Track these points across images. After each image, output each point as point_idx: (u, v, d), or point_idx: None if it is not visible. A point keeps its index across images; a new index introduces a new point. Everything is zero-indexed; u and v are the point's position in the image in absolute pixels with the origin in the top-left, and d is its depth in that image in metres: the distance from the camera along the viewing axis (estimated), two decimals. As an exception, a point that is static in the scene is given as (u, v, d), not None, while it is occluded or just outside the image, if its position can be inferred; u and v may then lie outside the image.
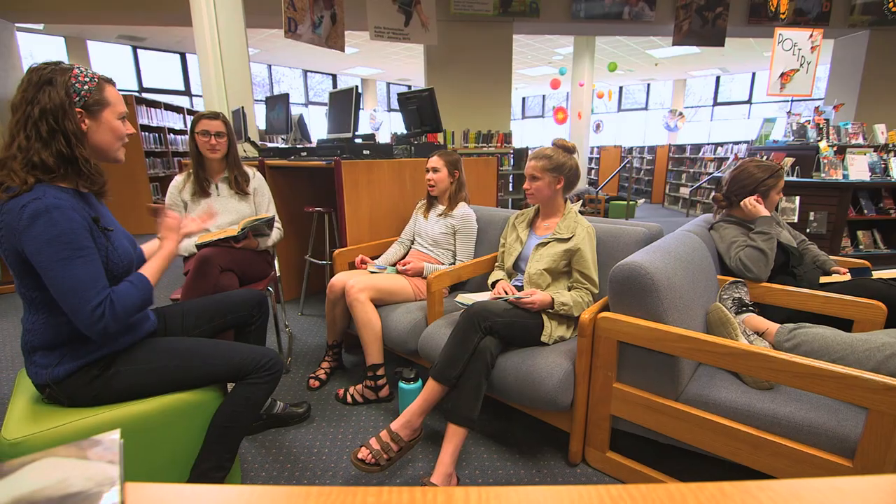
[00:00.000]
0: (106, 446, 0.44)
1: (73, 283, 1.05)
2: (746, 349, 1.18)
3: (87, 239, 1.08)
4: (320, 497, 0.38)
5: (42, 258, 1.03)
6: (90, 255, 1.08)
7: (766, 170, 1.85)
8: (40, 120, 1.05)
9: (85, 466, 0.41)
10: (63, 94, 1.07)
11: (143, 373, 1.23)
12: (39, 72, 1.07)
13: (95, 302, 1.07)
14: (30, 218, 1.01)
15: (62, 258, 1.03)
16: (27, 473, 0.40)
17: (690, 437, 1.31)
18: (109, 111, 1.16)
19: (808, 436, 1.17)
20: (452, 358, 1.48)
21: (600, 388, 1.46)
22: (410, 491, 0.37)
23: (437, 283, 1.87)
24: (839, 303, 1.58)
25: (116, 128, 1.18)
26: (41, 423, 1.14)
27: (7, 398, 2.06)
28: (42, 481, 0.39)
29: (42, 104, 1.05)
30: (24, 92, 1.06)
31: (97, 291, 1.07)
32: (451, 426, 1.45)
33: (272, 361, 1.35)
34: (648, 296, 1.31)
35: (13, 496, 0.37)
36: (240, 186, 2.18)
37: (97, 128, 1.15)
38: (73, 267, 1.04)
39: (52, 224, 1.02)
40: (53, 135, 1.06)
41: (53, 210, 1.02)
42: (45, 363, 1.15)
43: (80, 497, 0.37)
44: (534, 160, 1.77)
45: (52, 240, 1.02)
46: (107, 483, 0.39)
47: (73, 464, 0.41)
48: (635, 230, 1.84)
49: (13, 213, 1.02)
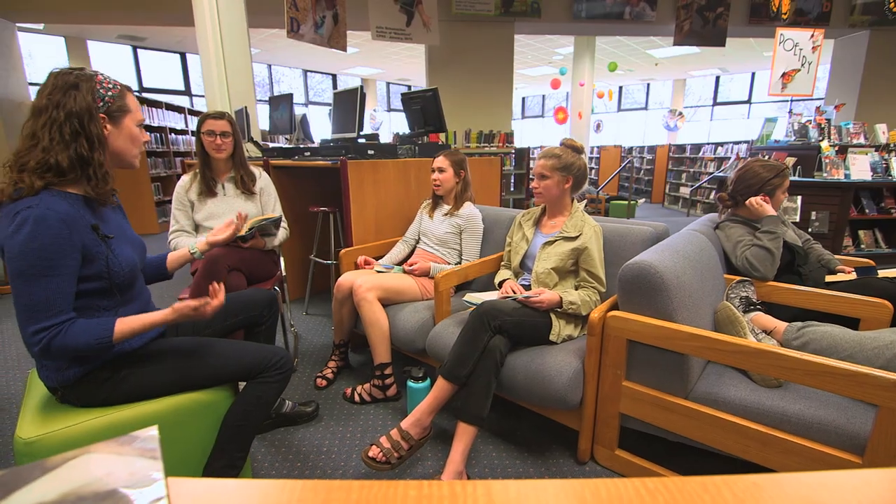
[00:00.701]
0: (145, 442, 0.44)
1: (27, 300, 1.02)
2: (757, 347, 1.18)
3: (66, 257, 1.04)
4: (362, 490, 0.38)
5: (12, 266, 1.01)
6: (60, 275, 1.03)
7: (771, 169, 1.86)
8: (65, 122, 1.05)
9: (127, 462, 0.41)
10: (90, 99, 1.08)
11: (155, 373, 1.23)
12: (65, 76, 1.08)
13: (40, 326, 1.02)
14: (17, 225, 1.00)
15: (29, 273, 1.01)
16: (70, 469, 0.40)
17: (700, 434, 1.31)
18: (130, 118, 1.17)
19: (817, 433, 1.18)
20: (462, 357, 1.49)
21: (609, 386, 1.47)
22: (437, 485, 0.38)
23: (444, 282, 1.88)
24: (846, 301, 1.59)
25: (135, 135, 1.19)
26: (55, 423, 1.14)
27: (17, 397, 2.07)
28: (86, 477, 0.39)
29: (68, 107, 1.05)
30: (49, 95, 1.06)
31: (49, 315, 1.03)
32: (461, 424, 1.45)
33: (283, 360, 1.35)
34: (658, 294, 1.32)
35: (61, 492, 0.38)
36: (246, 186, 2.18)
37: (118, 134, 1.15)
38: (35, 285, 1.01)
39: (33, 237, 1.00)
40: (76, 137, 1.06)
41: (40, 221, 1.00)
42: (54, 366, 1.15)
43: (125, 491, 0.37)
44: (543, 159, 1.78)
45: (25, 253, 1.00)
46: (150, 478, 0.39)
47: (114, 459, 0.42)
48: (642, 229, 1.85)
49: (8, 216, 1.02)
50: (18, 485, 0.38)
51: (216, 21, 4.19)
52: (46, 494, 0.37)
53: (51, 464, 0.41)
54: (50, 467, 0.40)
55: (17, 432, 1.12)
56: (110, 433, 1.18)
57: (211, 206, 2.13)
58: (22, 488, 0.38)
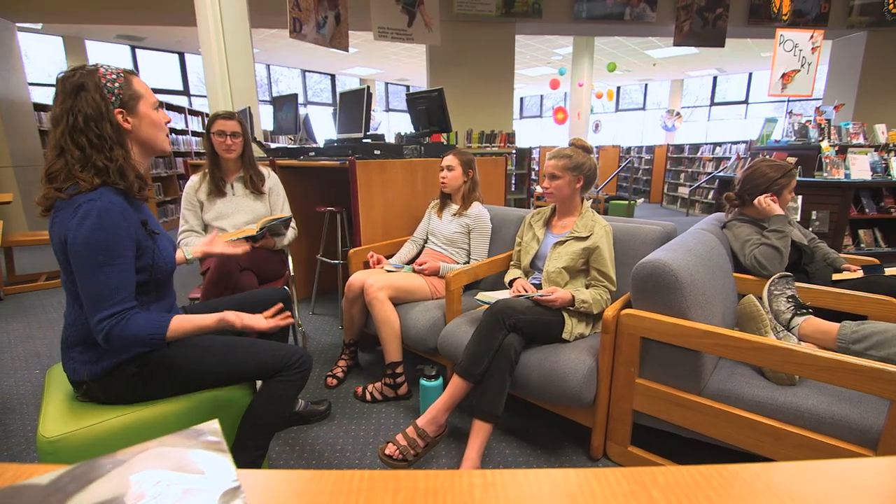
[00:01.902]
0: (210, 435, 0.45)
1: (94, 289, 1.06)
2: (770, 344, 1.20)
3: (127, 248, 1.09)
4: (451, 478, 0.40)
5: (78, 258, 1.04)
6: (123, 264, 1.08)
7: (778, 169, 1.89)
8: (86, 127, 1.06)
9: (197, 454, 0.42)
10: (98, 98, 1.08)
11: (178, 371, 1.24)
12: (69, 80, 1.08)
13: (107, 313, 1.07)
14: (81, 217, 1.03)
15: (95, 263, 1.04)
16: (138, 465, 0.41)
17: (714, 430, 1.33)
18: (144, 103, 1.17)
19: (831, 428, 1.20)
20: (477, 355, 1.50)
21: (623, 383, 1.48)
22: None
23: (455, 281, 1.89)
24: (854, 299, 1.62)
25: (155, 118, 1.19)
26: (79, 421, 1.15)
27: (27, 397, 2.07)
28: (162, 469, 0.40)
29: (84, 111, 1.06)
30: (62, 103, 1.07)
31: (112, 304, 1.07)
32: (476, 422, 1.47)
33: (302, 359, 1.36)
34: (672, 293, 1.34)
35: (139, 482, 0.39)
36: (255, 186, 2.19)
37: (139, 123, 1.16)
38: (100, 274, 1.05)
39: (99, 228, 1.04)
40: (101, 140, 1.08)
41: (104, 213, 1.04)
42: (83, 359, 1.17)
43: (201, 482, 0.39)
44: (554, 159, 1.80)
45: (92, 243, 1.03)
46: (223, 469, 0.41)
47: (183, 452, 0.43)
48: (651, 228, 1.87)
49: (69, 209, 1.04)
50: (95, 476, 0.39)
51: (219, 21, 4.19)
52: (125, 486, 0.38)
53: (123, 456, 0.42)
54: (123, 460, 0.42)
55: (41, 431, 1.12)
56: (133, 431, 1.19)
57: (220, 206, 2.14)
58: (100, 479, 0.39)
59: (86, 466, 0.41)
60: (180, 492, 0.38)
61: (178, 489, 0.38)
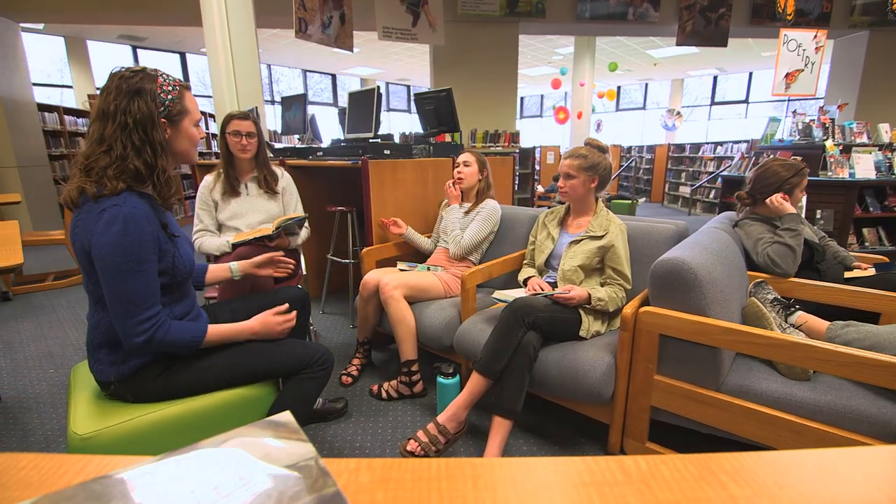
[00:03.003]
0: (287, 426, 0.47)
1: (127, 294, 1.07)
2: (792, 340, 1.22)
3: (152, 252, 1.10)
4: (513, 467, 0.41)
5: (105, 264, 1.05)
6: (149, 269, 1.10)
7: (790, 168, 1.90)
8: (135, 130, 1.07)
9: (279, 444, 0.44)
10: (152, 106, 1.09)
11: (203, 369, 1.25)
12: (128, 80, 1.08)
13: (144, 316, 1.09)
14: (106, 223, 1.03)
15: (124, 269, 1.05)
16: (226, 453, 0.43)
17: (734, 426, 1.35)
18: (189, 119, 1.18)
19: (850, 422, 1.22)
20: (497, 352, 1.52)
21: (641, 380, 1.50)
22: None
23: (471, 280, 1.91)
24: (867, 296, 1.64)
25: (193, 135, 1.21)
26: (109, 419, 1.16)
27: (42, 396, 2.08)
28: (248, 457, 0.42)
29: (135, 114, 1.07)
30: (115, 100, 1.07)
31: (147, 307, 1.10)
32: (496, 418, 1.49)
33: (325, 356, 1.38)
34: (692, 290, 1.36)
35: (235, 470, 0.40)
36: (269, 185, 2.20)
37: (177, 136, 1.17)
38: (132, 279, 1.07)
39: (125, 233, 1.04)
40: (143, 144, 1.09)
41: (129, 220, 1.05)
42: (110, 360, 1.18)
43: (292, 470, 0.40)
44: (569, 159, 1.81)
45: (118, 249, 1.04)
46: (309, 457, 0.42)
47: (264, 442, 0.44)
48: (665, 227, 1.89)
49: (92, 214, 1.05)
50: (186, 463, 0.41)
51: (224, 21, 4.20)
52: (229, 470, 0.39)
53: (207, 444, 0.44)
54: (208, 447, 0.43)
55: (72, 428, 1.14)
56: (162, 428, 1.20)
57: (235, 206, 2.15)
58: (195, 465, 0.41)
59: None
60: (269, 479, 0.39)
61: (266, 477, 0.39)
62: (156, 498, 0.37)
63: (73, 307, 3.29)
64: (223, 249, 2.06)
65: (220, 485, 0.38)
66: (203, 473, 0.40)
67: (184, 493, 0.37)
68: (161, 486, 0.38)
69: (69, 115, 6.90)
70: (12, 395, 2.11)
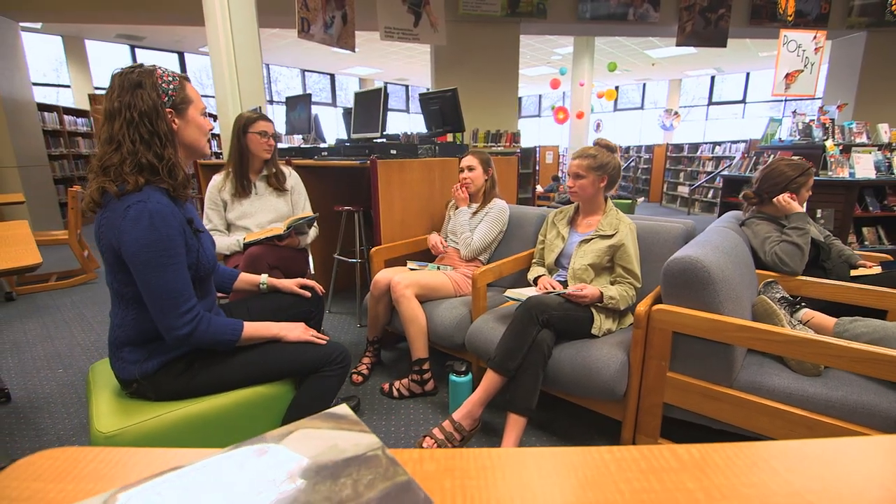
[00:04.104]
0: (347, 418, 0.48)
1: (164, 288, 1.09)
2: (806, 337, 1.24)
3: (181, 246, 1.11)
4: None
5: (138, 260, 1.06)
6: (181, 262, 1.12)
7: (797, 168, 1.93)
8: (140, 122, 1.08)
9: (344, 435, 0.45)
10: (154, 96, 1.10)
11: (225, 367, 1.27)
12: (127, 76, 1.10)
13: (185, 308, 1.12)
14: (133, 220, 1.04)
15: (157, 263, 1.07)
16: (294, 443, 0.44)
17: (746, 421, 1.37)
18: (193, 108, 1.19)
19: (861, 417, 1.24)
20: (511, 350, 1.53)
21: (654, 377, 1.52)
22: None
23: (482, 278, 1.92)
24: (875, 294, 1.66)
25: (201, 123, 1.22)
26: (132, 417, 1.17)
27: (52, 396, 2.08)
28: (316, 448, 0.43)
29: (139, 107, 1.08)
30: (119, 97, 1.08)
31: (185, 300, 1.12)
32: (511, 415, 1.50)
33: (343, 355, 1.39)
34: (705, 288, 1.38)
35: (312, 456, 0.41)
36: (279, 183, 2.21)
37: (185, 126, 1.18)
38: (166, 273, 1.08)
39: (153, 229, 1.05)
40: (151, 136, 1.10)
41: (156, 215, 1.06)
42: (133, 358, 1.19)
43: (361, 459, 0.41)
44: (578, 159, 1.83)
45: (150, 245, 1.05)
46: (375, 447, 0.43)
47: (329, 433, 0.45)
48: (673, 227, 1.91)
49: (117, 211, 1.05)
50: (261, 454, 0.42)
51: (227, 21, 4.19)
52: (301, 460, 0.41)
53: (271, 437, 0.45)
54: (273, 440, 0.44)
55: (96, 426, 1.15)
56: (185, 425, 1.21)
57: (245, 205, 2.16)
58: (264, 456, 0.42)
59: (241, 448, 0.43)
60: (342, 468, 0.40)
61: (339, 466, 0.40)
62: (241, 484, 0.38)
63: (78, 307, 3.28)
64: (234, 249, 2.07)
65: (295, 472, 0.39)
66: (276, 461, 0.41)
67: (264, 479, 0.39)
68: (238, 474, 0.39)
69: (69, 114, 6.88)
70: (22, 394, 2.11)
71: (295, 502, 0.36)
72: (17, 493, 0.42)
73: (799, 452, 0.45)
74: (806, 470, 0.42)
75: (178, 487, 0.38)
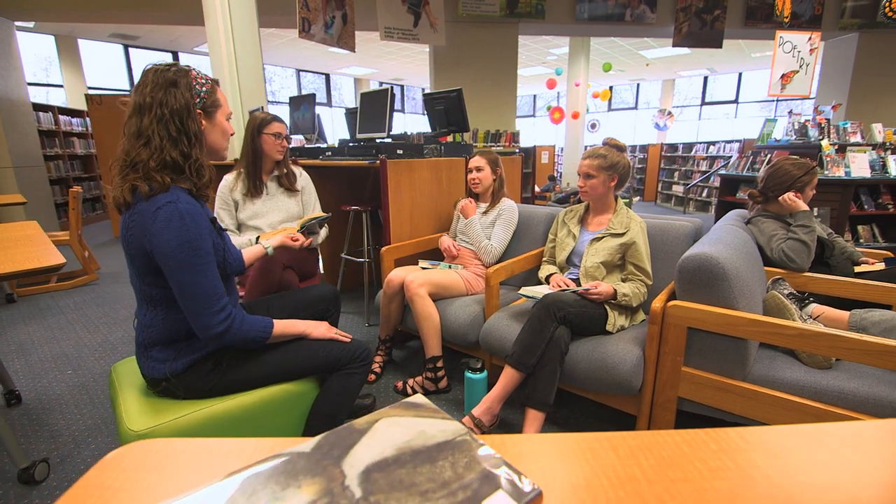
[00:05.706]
0: (425, 406, 0.50)
1: (200, 286, 1.10)
2: (817, 331, 1.28)
3: (210, 245, 1.13)
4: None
5: (172, 260, 1.07)
6: (212, 261, 1.13)
7: (801, 167, 1.98)
8: (171, 120, 1.09)
9: (430, 422, 0.47)
10: (188, 96, 1.11)
11: (252, 365, 1.28)
12: (163, 73, 1.11)
13: (219, 306, 1.13)
14: (164, 221, 1.05)
15: (191, 263, 1.08)
16: (382, 431, 0.46)
17: (760, 414, 1.41)
18: (221, 112, 1.21)
19: (873, 408, 1.28)
20: (529, 346, 1.56)
21: (668, 371, 1.55)
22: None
23: (495, 277, 1.95)
24: (880, 289, 1.71)
25: (226, 128, 1.24)
26: (162, 416, 1.18)
27: (64, 398, 2.07)
28: (404, 436, 0.45)
29: (171, 105, 1.09)
30: (152, 93, 1.09)
31: (219, 298, 1.14)
32: (530, 411, 1.53)
33: (366, 352, 1.41)
34: (720, 284, 1.41)
35: (405, 441, 0.43)
36: (290, 183, 2.22)
37: (212, 128, 1.19)
38: (200, 273, 1.10)
39: (185, 229, 1.06)
40: (179, 135, 1.11)
41: (186, 215, 1.07)
42: (162, 357, 1.20)
43: (452, 444, 0.44)
44: (588, 159, 1.86)
45: (182, 245, 1.06)
46: (464, 432, 0.46)
47: (414, 421, 0.47)
48: (682, 224, 1.95)
49: (147, 213, 1.06)
50: (353, 442, 0.44)
51: (228, 21, 4.18)
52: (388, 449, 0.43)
53: (358, 426, 0.47)
54: (362, 430, 0.46)
55: (127, 425, 1.16)
56: (215, 424, 1.23)
57: (257, 205, 2.17)
58: (359, 442, 0.44)
59: (333, 437, 0.46)
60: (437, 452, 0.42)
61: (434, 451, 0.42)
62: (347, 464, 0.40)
63: (82, 308, 3.27)
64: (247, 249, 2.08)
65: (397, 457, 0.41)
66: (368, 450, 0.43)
67: (364, 460, 0.41)
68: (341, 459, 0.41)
69: (64, 114, 6.81)
70: (32, 396, 2.10)
71: (401, 483, 0.38)
72: (118, 484, 0.44)
73: (855, 433, 0.47)
74: (862, 447, 0.45)
75: (311, 464, 0.40)
